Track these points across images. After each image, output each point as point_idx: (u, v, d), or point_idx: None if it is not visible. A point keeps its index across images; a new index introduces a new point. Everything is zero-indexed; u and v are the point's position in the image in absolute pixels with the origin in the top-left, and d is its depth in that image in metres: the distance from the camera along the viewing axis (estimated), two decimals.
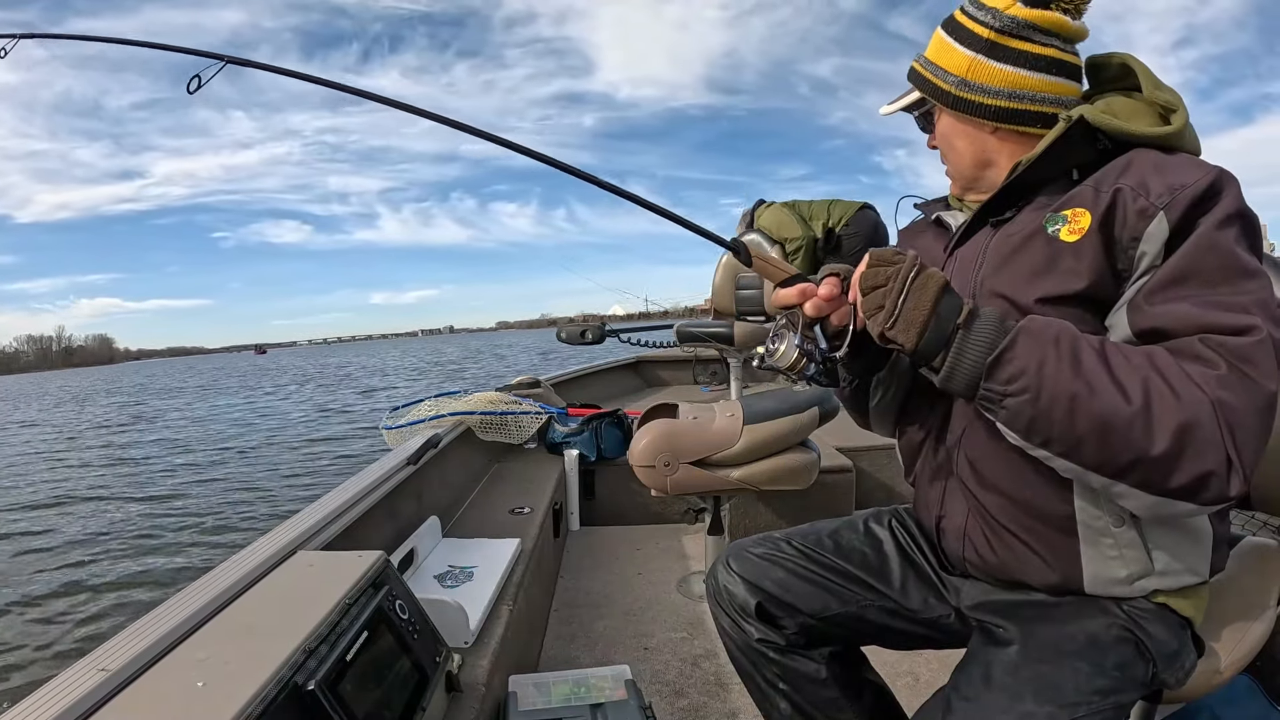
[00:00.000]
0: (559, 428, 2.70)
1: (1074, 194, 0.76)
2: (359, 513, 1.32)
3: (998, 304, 0.78)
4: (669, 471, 1.79)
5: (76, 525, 5.81)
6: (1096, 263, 0.71)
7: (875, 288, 0.70)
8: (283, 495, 6.64)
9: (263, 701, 0.64)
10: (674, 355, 4.24)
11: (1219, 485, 0.60)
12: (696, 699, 1.50)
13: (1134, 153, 0.74)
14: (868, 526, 1.00)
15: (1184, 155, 0.73)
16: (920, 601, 0.91)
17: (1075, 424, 0.62)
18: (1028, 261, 0.77)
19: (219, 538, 5.26)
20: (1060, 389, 0.62)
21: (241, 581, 0.91)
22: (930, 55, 0.86)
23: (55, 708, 0.61)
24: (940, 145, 0.90)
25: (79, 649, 3.34)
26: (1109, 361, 0.63)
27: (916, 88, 0.88)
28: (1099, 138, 0.77)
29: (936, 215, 0.94)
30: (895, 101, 0.94)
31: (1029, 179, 0.80)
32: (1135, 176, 0.71)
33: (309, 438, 10.64)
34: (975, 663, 0.78)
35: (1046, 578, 0.78)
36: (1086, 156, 0.77)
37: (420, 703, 0.87)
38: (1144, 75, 0.79)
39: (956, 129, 0.86)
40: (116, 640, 0.74)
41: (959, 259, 0.87)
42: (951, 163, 0.90)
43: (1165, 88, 0.78)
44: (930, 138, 0.92)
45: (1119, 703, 0.71)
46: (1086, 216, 0.73)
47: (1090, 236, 0.72)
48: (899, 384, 0.92)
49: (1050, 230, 0.75)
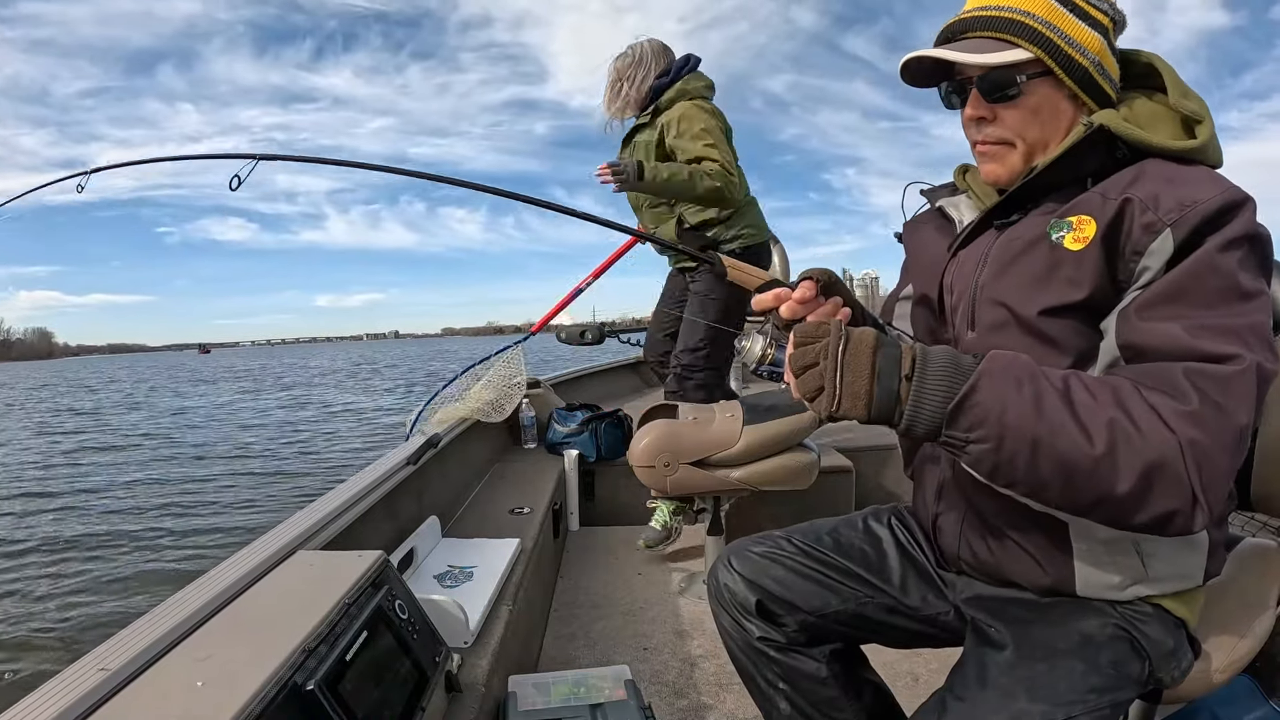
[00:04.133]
0: (559, 428, 2.70)
1: (1080, 200, 0.74)
2: (359, 512, 1.32)
3: (997, 312, 0.78)
4: (669, 472, 1.79)
5: (76, 525, 5.80)
6: (1098, 273, 0.70)
7: (807, 368, 0.66)
8: (282, 494, 6.64)
9: (262, 701, 0.64)
10: None
11: (1183, 521, 0.59)
12: (696, 699, 1.50)
13: (1147, 162, 0.72)
14: (867, 524, 1.00)
15: (1201, 169, 0.70)
16: (919, 598, 0.91)
17: (1039, 468, 0.60)
18: (1029, 269, 0.75)
19: (219, 537, 5.26)
20: (1023, 434, 0.60)
21: (241, 581, 0.91)
22: (1049, 18, 0.75)
23: (56, 706, 0.61)
24: (1017, 122, 0.78)
25: (79, 648, 3.33)
26: (1073, 403, 0.61)
27: (1040, 51, 0.74)
28: (1118, 145, 0.74)
29: (939, 205, 0.92)
30: (988, 54, 0.75)
31: (1040, 183, 0.77)
32: (1146, 188, 0.68)
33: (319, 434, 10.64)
34: (970, 663, 0.78)
35: (1039, 580, 0.78)
36: (1102, 163, 0.75)
37: (420, 703, 0.87)
38: (1170, 80, 0.76)
39: (1060, 107, 0.77)
40: (117, 639, 0.74)
41: (961, 260, 0.86)
42: (1035, 144, 0.79)
43: (1192, 95, 0.75)
44: (974, 109, 0.79)
45: (1115, 701, 0.71)
46: (1092, 225, 0.71)
47: (1094, 246, 0.70)
48: None
49: (1054, 237, 0.74)
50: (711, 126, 2.10)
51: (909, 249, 0.99)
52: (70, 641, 3.50)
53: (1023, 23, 0.75)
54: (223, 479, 7.59)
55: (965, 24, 0.79)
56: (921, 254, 0.94)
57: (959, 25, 0.79)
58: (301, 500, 4.13)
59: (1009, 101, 0.77)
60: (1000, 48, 0.75)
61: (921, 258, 0.94)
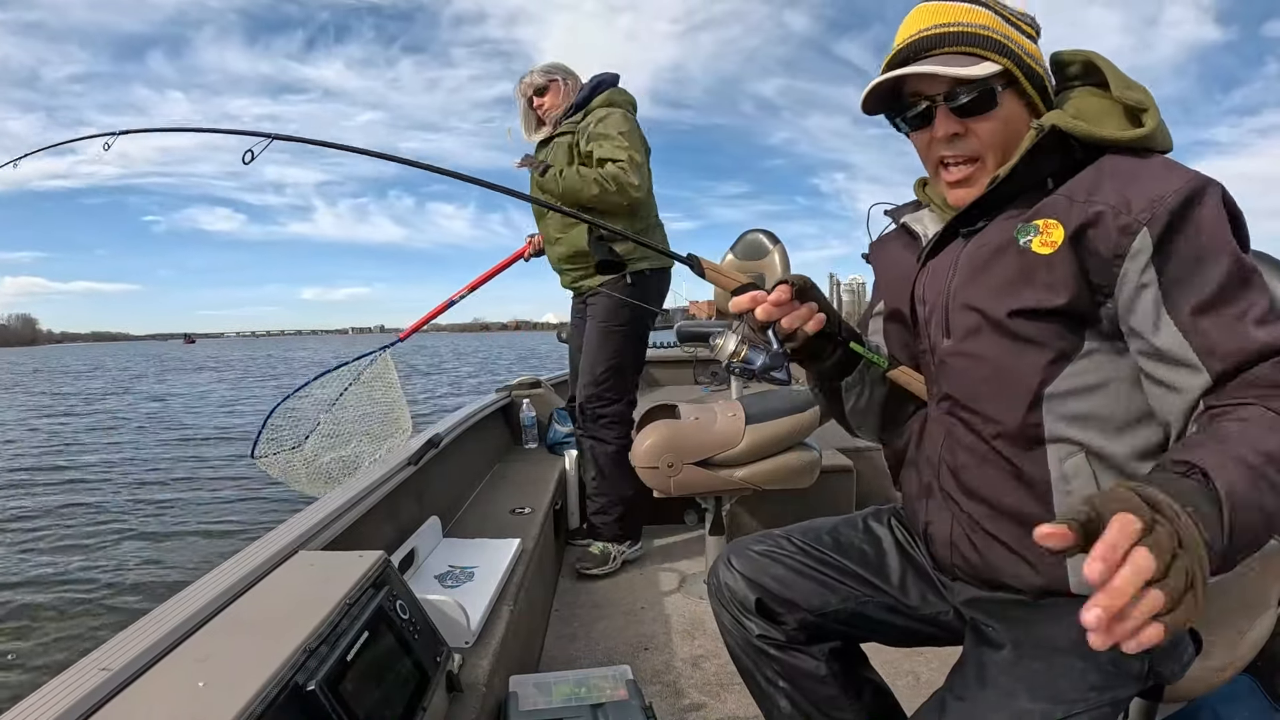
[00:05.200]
0: (559, 428, 2.70)
1: (1044, 204, 0.75)
2: (359, 513, 1.32)
3: (970, 317, 0.79)
4: (672, 472, 1.79)
5: (76, 525, 5.81)
6: (1072, 277, 0.71)
7: (1164, 583, 0.47)
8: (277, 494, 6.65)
9: (263, 701, 0.64)
10: (674, 355, 4.25)
11: None
12: (696, 699, 1.50)
13: (1106, 160, 0.73)
14: (867, 524, 1.00)
15: (1158, 160, 0.72)
16: (919, 598, 0.91)
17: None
18: (1000, 273, 0.76)
19: (219, 538, 5.26)
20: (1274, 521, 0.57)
21: (242, 581, 0.91)
22: (1004, 30, 0.76)
23: (57, 707, 0.61)
24: (990, 135, 0.78)
25: (80, 648, 3.34)
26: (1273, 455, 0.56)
27: (1009, 62, 0.75)
28: (1072, 144, 0.75)
29: (904, 221, 0.93)
30: (959, 67, 0.74)
31: (1001, 191, 0.78)
32: (1114, 192, 0.69)
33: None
34: (969, 663, 0.78)
35: (1032, 580, 0.78)
36: (1060, 164, 0.76)
37: (421, 703, 0.87)
38: (1111, 73, 0.77)
39: (1021, 116, 0.79)
40: (118, 639, 0.74)
41: (931, 270, 0.86)
42: (1002, 155, 0.79)
43: (1135, 85, 0.76)
44: (946, 127, 0.78)
45: (1115, 698, 0.71)
46: (1059, 229, 0.72)
47: (1064, 250, 0.71)
48: (871, 388, 0.93)
49: (1021, 241, 0.74)
50: (630, 132, 2.06)
51: (877, 268, 1.00)
52: (71, 642, 3.50)
53: (989, 36, 0.76)
54: (223, 478, 7.60)
55: (930, 41, 0.77)
56: (890, 270, 0.95)
57: (922, 43, 0.78)
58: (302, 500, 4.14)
59: (986, 114, 0.77)
60: (971, 62, 0.75)
61: (890, 273, 0.95)
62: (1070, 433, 0.74)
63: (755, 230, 3.13)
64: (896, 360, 0.91)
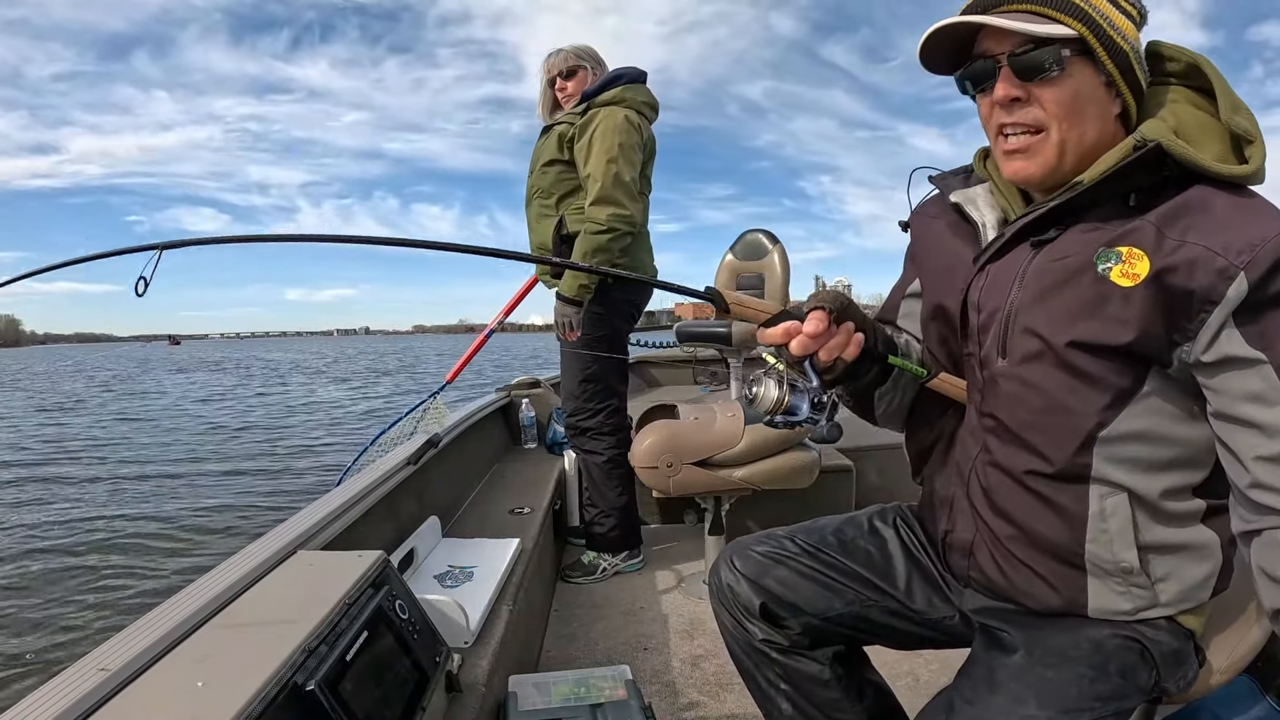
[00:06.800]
0: (559, 428, 2.70)
1: (1132, 229, 0.68)
2: (359, 513, 1.32)
3: (1031, 342, 0.73)
4: (672, 472, 1.79)
5: (74, 525, 5.80)
6: (1147, 314, 0.66)
7: None
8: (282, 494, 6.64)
9: (263, 701, 0.64)
10: (674, 355, 4.24)
11: None
12: (696, 699, 1.50)
13: (1205, 193, 0.67)
14: (872, 524, 0.98)
15: (1259, 201, 0.67)
16: (925, 602, 0.91)
17: None
18: (1072, 299, 0.70)
19: (219, 538, 5.26)
20: None
21: (241, 581, 0.90)
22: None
23: (56, 707, 0.61)
24: (1055, 104, 0.70)
25: (79, 649, 3.33)
26: None
27: (1085, 29, 0.68)
28: (1166, 160, 0.68)
29: (955, 200, 0.85)
30: (1028, 23, 0.67)
31: (1081, 199, 0.71)
32: (1212, 233, 0.64)
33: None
34: (979, 666, 0.78)
35: (1050, 601, 0.77)
36: (1150, 180, 0.69)
37: (420, 703, 0.87)
38: (1221, 91, 0.70)
39: (1097, 95, 0.71)
40: (117, 640, 0.74)
41: (991, 276, 0.78)
42: (1068, 134, 0.71)
43: (1243, 109, 0.69)
44: (1006, 89, 0.71)
45: (1121, 709, 0.71)
46: (1145, 262, 0.66)
47: (1146, 286, 0.66)
48: (903, 392, 0.91)
49: (1101, 268, 0.68)
50: (624, 144, 1.93)
51: (918, 247, 0.93)
52: (70, 642, 3.50)
53: (1074, 3, 0.68)
54: (223, 476, 7.59)
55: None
56: (936, 254, 0.88)
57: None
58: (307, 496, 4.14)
59: (1049, 80, 0.69)
60: (1045, 22, 0.68)
61: (936, 262, 0.88)
62: (1117, 475, 0.72)
63: (755, 230, 3.13)
64: (935, 366, 0.85)
